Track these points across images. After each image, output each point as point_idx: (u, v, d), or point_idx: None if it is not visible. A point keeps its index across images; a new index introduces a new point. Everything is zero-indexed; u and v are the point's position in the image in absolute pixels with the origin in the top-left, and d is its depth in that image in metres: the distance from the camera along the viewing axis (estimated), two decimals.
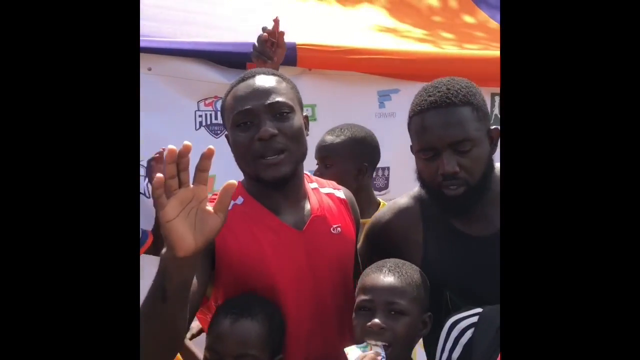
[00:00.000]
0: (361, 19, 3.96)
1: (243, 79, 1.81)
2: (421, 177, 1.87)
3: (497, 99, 3.15)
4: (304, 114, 1.84)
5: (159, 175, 1.30)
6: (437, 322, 1.83)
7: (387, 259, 1.82)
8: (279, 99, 1.75)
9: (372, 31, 3.76)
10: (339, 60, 2.98)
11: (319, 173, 2.48)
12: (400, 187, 3.09)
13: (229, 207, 1.67)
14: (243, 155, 1.76)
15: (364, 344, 1.65)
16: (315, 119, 2.91)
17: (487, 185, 1.82)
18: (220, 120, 3.15)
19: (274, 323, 1.69)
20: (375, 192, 3.04)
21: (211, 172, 3.24)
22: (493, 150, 1.86)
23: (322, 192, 1.94)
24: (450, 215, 1.88)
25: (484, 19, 4.26)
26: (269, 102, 1.74)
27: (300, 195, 1.84)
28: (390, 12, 4.18)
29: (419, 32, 3.88)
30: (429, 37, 3.83)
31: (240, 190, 1.82)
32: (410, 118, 1.87)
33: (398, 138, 3.07)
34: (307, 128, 1.82)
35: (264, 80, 1.79)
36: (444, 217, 1.90)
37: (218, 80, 3.08)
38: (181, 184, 1.33)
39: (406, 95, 3.06)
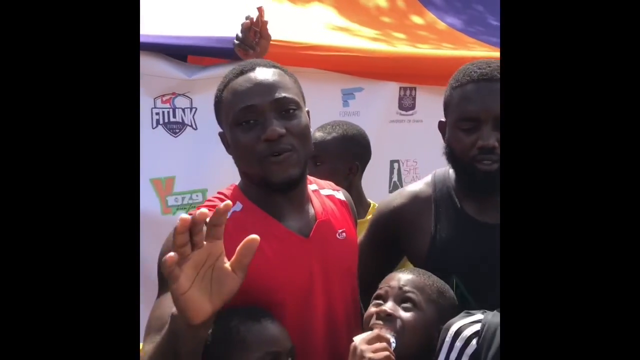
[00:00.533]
0: (313, 17, 3.91)
1: (242, 72, 1.65)
2: (451, 151, 1.82)
3: None
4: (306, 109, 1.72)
5: (171, 254, 1.18)
6: None
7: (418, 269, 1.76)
8: (285, 94, 1.61)
9: (325, 29, 3.72)
10: (303, 57, 2.92)
11: (308, 172, 2.41)
12: (366, 186, 3.07)
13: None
14: (247, 158, 1.61)
15: (373, 331, 1.55)
16: None
17: None
18: (179, 119, 3.04)
19: None
20: None
21: (170, 173, 3.10)
22: None
23: (323, 194, 1.81)
24: (478, 193, 1.83)
25: (432, 20, 4.30)
26: (275, 98, 1.59)
27: (304, 198, 1.71)
28: (339, 11, 4.15)
29: (371, 32, 3.87)
30: (381, 36, 3.82)
31: (238, 195, 1.68)
32: (454, 89, 1.82)
33: None
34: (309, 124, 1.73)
35: (266, 74, 1.64)
36: (457, 203, 1.87)
37: (176, 76, 2.96)
38: (194, 247, 1.21)
39: (370, 94, 3.06)
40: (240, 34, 2.43)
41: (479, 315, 1.55)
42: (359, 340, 1.51)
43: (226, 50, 2.77)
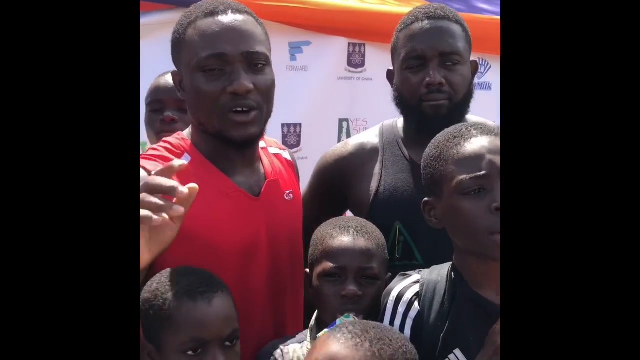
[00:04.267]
0: None
1: (212, 13, 1.52)
2: (400, 94, 1.83)
3: None
4: None
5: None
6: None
7: (348, 218, 1.70)
8: (258, 48, 1.52)
9: None
10: (250, 7, 2.74)
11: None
12: (312, 145, 2.95)
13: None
14: (207, 108, 1.51)
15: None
16: None
17: (465, 110, 1.82)
18: None
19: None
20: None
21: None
22: (471, 81, 1.87)
23: (271, 152, 1.75)
24: (427, 132, 1.74)
25: None
26: (247, 50, 1.50)
27: (255, 156, 1.66)
28: None
29: None
30: None
31: (187, 146, 1.58)
32: (400, 31, 1.84)
33: (310, 93, 2.95)
34: None
35: (240, 21, 1.53)
36: (405, 150, 1.86)
37: None
38: None
39: (318, 48, 2.93)
40: None
41: (416, 276, 1.51)
42: None
43: None
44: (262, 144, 1.72)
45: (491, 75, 3.47)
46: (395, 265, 1.69)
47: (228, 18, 1.52)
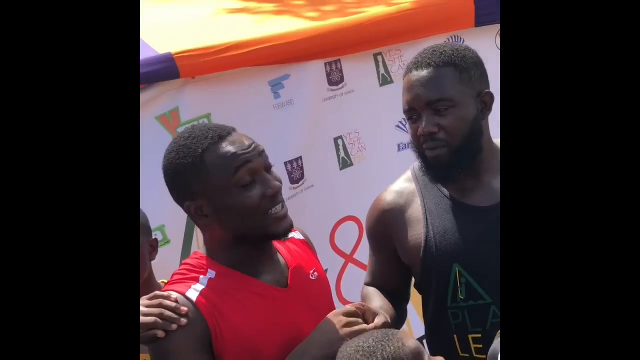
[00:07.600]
0: (205, 5, 3.69)
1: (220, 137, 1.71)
2: (413, 143, 1.91)
3: (380, 58, 3.09)
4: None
5: None
6: (443, 303, 1.83)
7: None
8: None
9: (225, 15, 3.52)
10: (221, 61, 2.75)
11: None
12: (315, 172, 3.00)
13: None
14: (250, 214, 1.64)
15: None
16: None
17: (473, 149, 1.83)
18: None
19: None
20: (293, 185, 2.93)
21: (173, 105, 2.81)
22: (483, 115, 1.87)
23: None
24: (436, 180, 1.89)
25: None
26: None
27: (272, 250, 1.74)
28: None
29: (270, 6, 3.71)
30: (281, 7, 3.67)
31: (208, 263, 1.68)
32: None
33: (302, 125, 2.97)
34: None
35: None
36: (443, 189, 1.89)
37: None
38: None
39: (298, 78, 2.94)
40: None
41: None
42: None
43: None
44: None
45: None
46: (461, 307, 1.74)
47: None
